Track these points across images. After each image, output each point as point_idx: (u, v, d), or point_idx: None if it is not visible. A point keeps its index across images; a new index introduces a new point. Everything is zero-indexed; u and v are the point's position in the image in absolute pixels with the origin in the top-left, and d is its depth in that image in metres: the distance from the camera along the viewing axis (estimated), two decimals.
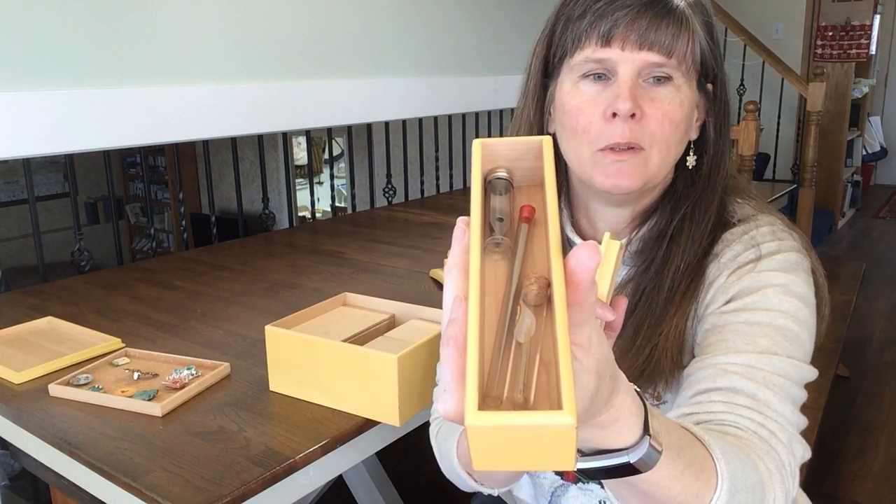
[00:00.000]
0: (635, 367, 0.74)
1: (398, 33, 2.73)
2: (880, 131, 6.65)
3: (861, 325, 3.47)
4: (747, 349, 0.67)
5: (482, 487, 0.74)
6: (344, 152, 4.42)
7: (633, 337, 0.76)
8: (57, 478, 1.02)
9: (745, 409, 0.63)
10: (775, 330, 0.68)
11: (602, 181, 0.73)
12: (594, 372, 0.39)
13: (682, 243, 0.76)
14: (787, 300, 0.70)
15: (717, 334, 0.70)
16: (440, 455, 0.80)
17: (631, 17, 0.70)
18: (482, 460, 0.35)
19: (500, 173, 0.45)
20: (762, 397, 0.64)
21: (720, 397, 0.64)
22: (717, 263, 0.75)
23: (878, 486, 2.20)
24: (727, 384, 0.65)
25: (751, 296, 0.71)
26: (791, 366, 0.67)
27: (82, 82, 1.80)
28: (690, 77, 0.73)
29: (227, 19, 2.12)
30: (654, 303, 0.75)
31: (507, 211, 0.43)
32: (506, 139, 0.45)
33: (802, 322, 0.70)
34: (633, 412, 0.46)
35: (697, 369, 0.69)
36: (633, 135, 0.71)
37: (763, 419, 0.62)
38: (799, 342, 0.69)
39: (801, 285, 0.72)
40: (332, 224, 2.56)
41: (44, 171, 5.06)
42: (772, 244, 0.75)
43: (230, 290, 1.60)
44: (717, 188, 0.78)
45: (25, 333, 1.32)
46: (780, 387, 0.65)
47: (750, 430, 0.61)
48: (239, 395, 1.08)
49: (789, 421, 0.64)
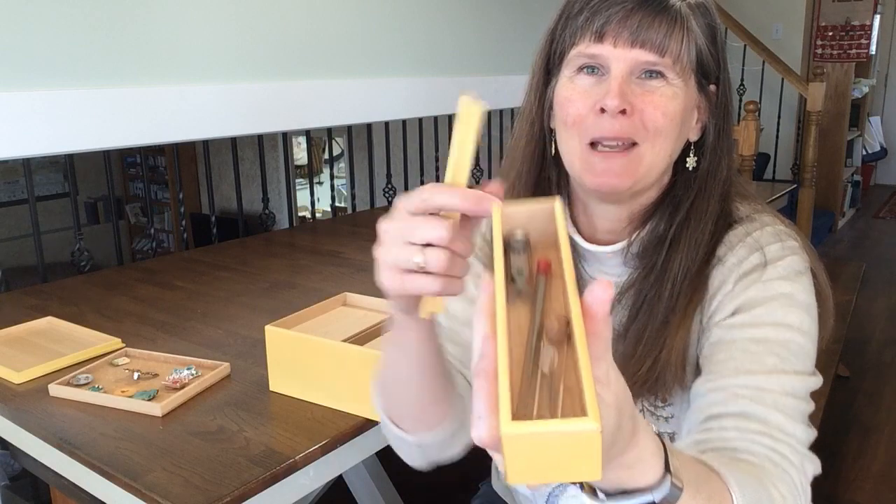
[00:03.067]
0: (639, 375, 0.74)
1: (398, 33, 2.73)
2: (880, 131, 6.65)
3: (861, 325, 3.47)
4: (756, 369, 0.68)
5: (405, 435, 0.73)
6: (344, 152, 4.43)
7: (635, 344, 0.75)
8: (57, 478, 1.02)
9: (757, 435, 0.64)
10: (781, 345, 0.69)
11: (591, 179, 0.73)
12: (615, 407, 0.41)
13: (681, 249, 0.75)
14: (793, 312, 0.71)
15: (724, 351, 0.71)
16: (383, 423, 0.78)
17: (624, 14, 0.70)
18: (516, 471, 0.37)
19: (517, 234, 0.50)
20: (773, 421, 0.65)
21: (732, 423, 0.66)
22: (722, 268, 0.75)
23: (878, 487, 2.20)
24: (738, 409, 0.66)
25: (757, 308, 0.71)
26: (798, 381, 0.68)
27: (82, 82, 1.80)
28: (687, 76, 0.73)
29: (227, 19, 2.12)
30: (655, 310, 0.75)
31: (525, 265, 0.48)
32: (520, 203, 0.50)
33: (807, 332, 0.71)
34: (653, 451, 0.48)
35: (707, 391, 0.69)
36: (624, 129, 0.71)
37: (775, 443, 0.64)
38: (804, 353, 0.70)
39: (804, 292, 0.73)
40: (332, 224, 2.56)
41: (44, 171, 5.05)
42: (776, 246, 0.74)
43: (230, 290, 1.60)
44: (715, 192, 0.77)
45: (25, 333, 1.32)
46: (789, 407, 0.67)
47: (763, 456, 0.63)
48: (239, 395, 1.08)
49: (800, 440, 0.66)
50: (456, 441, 0.75)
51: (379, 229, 0.53)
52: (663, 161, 0.74)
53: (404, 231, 0.52)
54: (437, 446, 0.74)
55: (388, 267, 0.53)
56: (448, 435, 0.73)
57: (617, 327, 0.79)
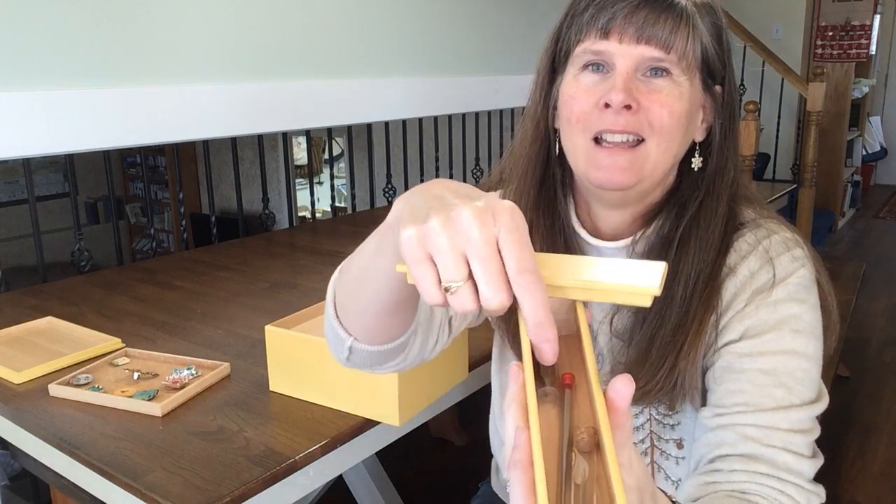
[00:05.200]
0: (656, 380, 0.74)
1: (398, 33, 2.73)
2: (880, 131, 6.64)
3: (861, 325, 3.47)
4: (764, 405, 0.69)
5: (343, 333, 0.67)
6: (344, 152, 4.43)
7: (647, 349, 0.75)
8: (57, 478, 1.02)
9: (765, 478, 0.67)
10: (789, 375, 0.71)
11: (596, 175, 0.73)
12: (636, 489, 0.43)
13: (690, 251, 0.74)
14: (801, 337, 0.72)
15: (733, 381, 0.72)
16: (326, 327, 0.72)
17: (629, 11, 0.70)
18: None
19: None
20: (781, 462, 0.67)
21: (740, 466, 0.68)
22: (734, 280, 0.74)
23: (878, 486, 2.20)
24: (747, 451, 0.68)
25: (766, 335, 0.72)
26: (805, 413, 0.70)
27: (82, 82, 1.80)
28: (692, 74, 0.73)
29: (227, 19, 2.12)
30: (666, 313, 0.74)
31: (552, 372, 0.49)
32: None
33: (812, 356, 0.72)
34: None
35: (716, 426, 0.71)
36: (629, 124, 0.70)
37: (783, 486, 0.67)
38: (810, 380, 0.71)
39: (811, 311, 0.74)
40: (332, 224, 2.56)
41: (44, 171, 5.05)
42: (786, 258, 0.74)
43: (230, 290, 1.60)
44: (723, 193, 0.77)
45: (25, 333, 1.32)
46: (797, 444, 0.68)
47: (772, 497, 0.66)
48: (239, 395, 1.08)
49: (806, 478, 0.68)
50: (389, 361, 0.70)
51: (460, 213, 0.43)
52: (669, 160, 0.74)
53: (471, 243, 0.42)
54: (368, 357, 0.69)
55: (423, 249, 0.44)
56: (386, 352, 0.68)
57: (621, 331, 0.79)
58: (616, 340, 0.80)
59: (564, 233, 0.82)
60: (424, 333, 0.73)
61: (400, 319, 0.65)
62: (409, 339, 0.69)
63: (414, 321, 0.68)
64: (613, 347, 0.81)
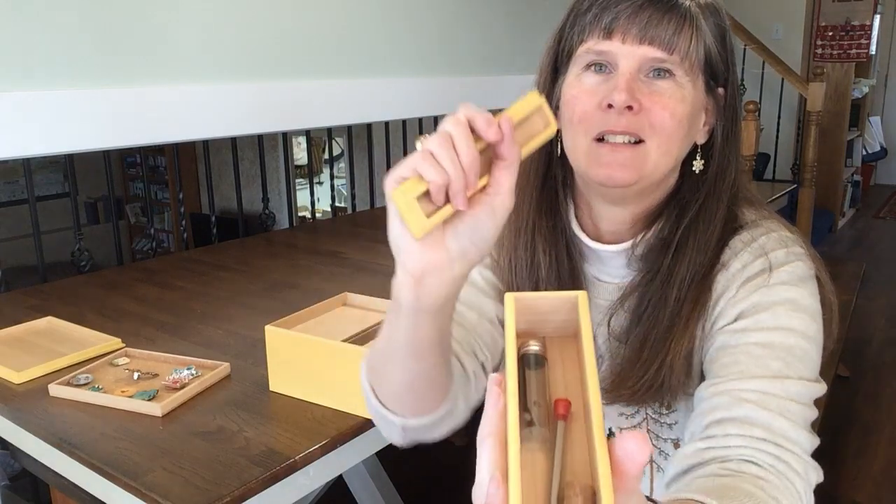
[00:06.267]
0: (644, 380, 0.74)
1: (398, 33, 2.73)
2: (880, 131, 6.64)
3: (861, 325, 3.47)
4: (761, 373, 0.67)
5: (390, 415, 0.71)
6: (344, 152, 4.42)
7: (639, 349, 0.75)
8: (57, 478, 1.02)
9: (762, 443, 0.64)
10: (786, 350, 0.69)
11: (596, 172, 0.72)
12: None
13: (687, 253, 0.74)
14: (798, 317, 0.70)
15: (728, 355, 0.70)
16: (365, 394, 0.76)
17: (633, 11, 0.70)
18: None
19: (532, 347, 0.44)
20: (777, 427, 0.64)
21: (736, 430, 0.65)
22: (726, 274, 0.74)
23: (878, 486, 2.20)
24: (742, 413, 0.65)
25: (762, 313, 0.71)
26: (803, 387, 0.68)
27: (81, 82, 1.80)
28: (695, 76, 0.72)
29: (226, 19, 2.12)
30: (660, 314, 0.74)
31: (542, 394, 0.41)
32: (540, 294, 0.44)
33: (811, 338, 0.71)
34: None
35: (711, 395, 0.68)
36: (631, 125, 0.70)
37: (779, 451, 0.63)
38: (808, 359, 0.70)
39: (809, 297, 0.72)
40: (332, 224, 2.56)
41: (44, 171, 5.05)
42: (781, 252, 0.74)
43: (230, 290, 1.60)
44: (723, 196, 0.76)
45: (25, 333, 1.32)
46: (794, 413, 0.66)
47: (767, 464, 0.63)
48: (239, 395, 1.08)
49: (804, 448, 0.65)
50: (444, 425, 0.73)
51: None
52: (669, 161, 0.73)
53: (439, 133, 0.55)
54: (422, 430, 0.72)
55: (408, 166, 0.55)
56: (436, 420, 0.71)
57: (618, 332, 0.79)
58: (614, 341, 0.80)
59: (566, 234, 0.82)
60: (464, 392, 0.75)
61: (435, 381, 0.68)
62: (454, 397, 0.72)
63: (451, 385, 0.71)
64: (612, 347, 0.81)
